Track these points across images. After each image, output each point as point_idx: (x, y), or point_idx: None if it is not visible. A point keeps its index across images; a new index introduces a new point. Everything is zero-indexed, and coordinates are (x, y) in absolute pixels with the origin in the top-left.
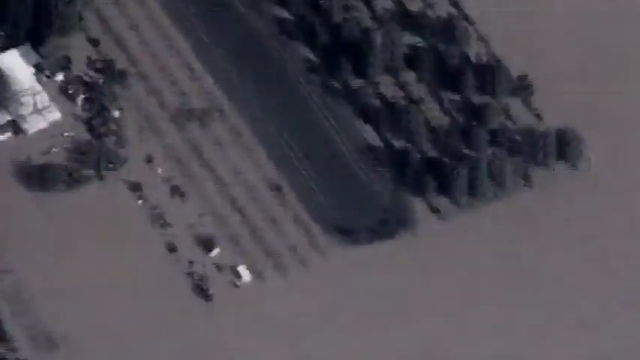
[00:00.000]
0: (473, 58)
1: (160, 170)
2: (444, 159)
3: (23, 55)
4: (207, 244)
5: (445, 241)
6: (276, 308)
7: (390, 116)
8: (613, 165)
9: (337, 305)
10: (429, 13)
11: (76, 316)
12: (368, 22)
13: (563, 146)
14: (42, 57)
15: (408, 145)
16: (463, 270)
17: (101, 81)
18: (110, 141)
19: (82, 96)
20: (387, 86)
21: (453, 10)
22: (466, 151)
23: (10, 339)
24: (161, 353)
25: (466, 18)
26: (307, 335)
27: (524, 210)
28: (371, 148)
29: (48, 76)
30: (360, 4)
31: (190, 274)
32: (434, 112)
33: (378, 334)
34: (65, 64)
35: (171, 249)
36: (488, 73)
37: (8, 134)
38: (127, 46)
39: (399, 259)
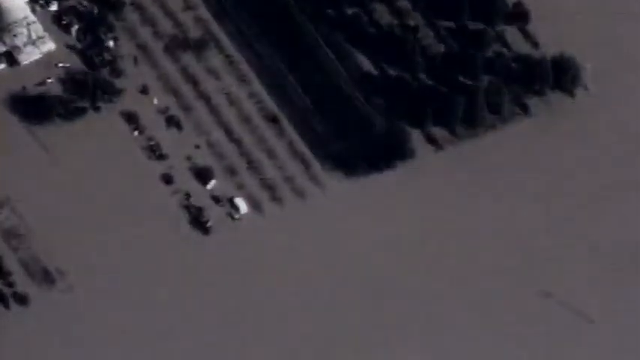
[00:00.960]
0: None
1: (155, 101)
2: (441, 88)
3: None
4: (204, 176)
5: (443, 170)
6: (274, 239)
7: (385, 45)
8: (610, 91)
9: (335, 236)
10: None
11: (72, 250)
12: None
13: (560, 74)
14: None
15: (404, 74)
16: (461, 199)
17: (95, 11)
18: (105, 72)
19: (76, 26)
20: (382, 14)
21: None
22: (463, 79)
23: (7, 274)
24: (158, 286)
25: None
26: (305, 266)
27: (521, 138)
28: (367, 77)
29: (42, 6)
30: None
31: (187, 206)
32: (429, 40)
33: (377, 263)
34: None
35: (168, 181)
36: (484, 0)
37: (2, 65)
38: None
39: (396, 190)
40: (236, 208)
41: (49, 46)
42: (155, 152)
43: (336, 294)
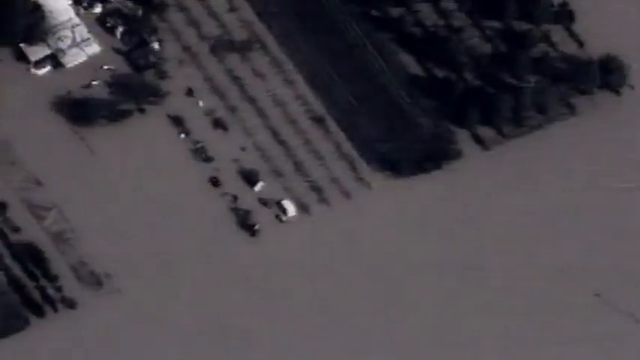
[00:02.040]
0: None
1: (201, 103)
2: (487, 88)
3: None
4: (251, 178)
5: (490, 171)
6: (322, 241)
7: (431, 45)
8: None
9: (382, 236)
10: None
11: (120, 253)
12: None
13: (607, 73)
14: None
15: (451, 75)
16: (509, 199)
17: (140, 12)
18: (150, 74)
19: (120, 28)
20: (428, 15)
21: None
22: (509, 79)
23: (55, 278)
24: (206, 289)
25: None
26: (353, 267)
27: (568, 138)
28: (413, 78)
29: (85, 8)
30: None
31: (234, 209)
32: (476, 41)
33: (426, 263)
34: None
35: (215, 183)
36: (530, 0)
37: (48, 68)
38: None
39: (443, 190)
40: (284, 211)
41: (94, 48)
42: (201, 154)
43: (385, 294)
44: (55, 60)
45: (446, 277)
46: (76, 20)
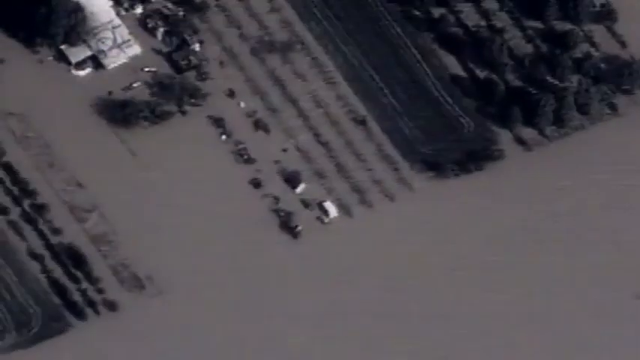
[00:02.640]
0: None
1: (242, 104)
2: (529, 89)
3: None
4: (292, 180)
5: (532, 171)
6: (364, 243)
7: (473, 46)
8: None
9: (425, 237)
10: None
11: (161, 256)
12: None
13: None
14: None
15: (493, 75)
16: (551, 200)
17: (181, 14)
18: (191, 75)
19: (161, 29)
20: (470, 15)
21: None
22: (551, 80)
23: (96, 280)
24: (248, 290)
25: None
26: (395, 268)
27: (610, 138)
28: (455, 79)
29: (126, 10)
30: None
31: (276, 210)
32: (517, 41)
33: (469, 264)
34: None
35: (256, 185)
36: (571, 0)
37: (89, 69)
38: None
39: (486, 191)
40: (326, 212)
41: (135, 49)
42: (243, 156)
43: (428, 295)
44: (95, 61)
45: (489, 277)
46: (117, 21)
